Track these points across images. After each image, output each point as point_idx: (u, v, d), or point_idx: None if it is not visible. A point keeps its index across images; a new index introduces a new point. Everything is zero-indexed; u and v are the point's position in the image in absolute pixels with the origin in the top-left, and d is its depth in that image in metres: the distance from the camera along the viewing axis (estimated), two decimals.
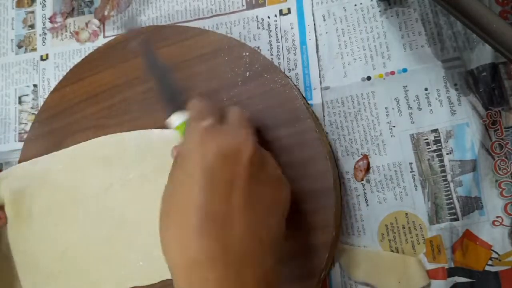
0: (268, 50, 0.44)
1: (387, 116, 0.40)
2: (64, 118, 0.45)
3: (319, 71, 0.42)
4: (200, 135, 0.30)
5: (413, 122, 0.39)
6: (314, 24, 0.43)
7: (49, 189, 0.43)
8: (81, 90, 0.45)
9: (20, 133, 0.49)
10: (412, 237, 0.38)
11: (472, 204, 0.37)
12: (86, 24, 0.50)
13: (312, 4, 0.44)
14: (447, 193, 0.38)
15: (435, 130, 0.39)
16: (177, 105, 0.35)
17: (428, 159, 0.39)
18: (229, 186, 0.29)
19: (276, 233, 0.31)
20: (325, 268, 0.36)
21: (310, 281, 0.36)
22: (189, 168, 0.30)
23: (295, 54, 0.43)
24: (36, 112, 0.49)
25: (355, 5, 0.42)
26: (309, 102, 0.42)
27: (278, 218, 0.31)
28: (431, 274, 0.37)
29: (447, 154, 0.38)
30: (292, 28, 0.43)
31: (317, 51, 0.43)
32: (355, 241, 0.39)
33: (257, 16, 0.45)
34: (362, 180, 0.40)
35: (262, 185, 0.30)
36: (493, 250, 0.37)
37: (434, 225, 0.38)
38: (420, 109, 0.39)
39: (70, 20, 0.50)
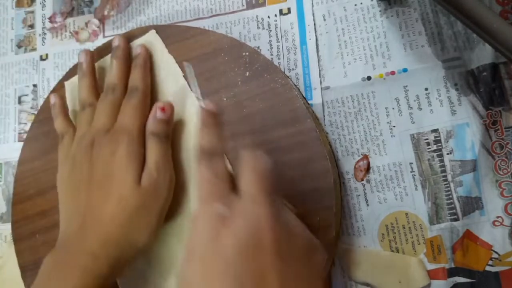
0: (268, 50, 0.44)
1: (387, 116, 0.40)
2: None
3: (319, 71, 0.42)
4: (212, 226, 0.27)
5: (414, 122, 0.39)
6: (314, 24, 0.43)
7: None
8: None
9: (19, 133, 0.49)
10: (412, 237, 0.38)
11: (472, 204, 0.37)
12: (86, 24, 0.50)
13: (312, 4, 0.43)
14: (447, 193, 0.38)
15: (436, 130, 0.39)
16: None
17: (429, 159, 0.39)
18: (261, 281, 0.25)
19: None
20: (325, 268, 0.36)
21: None
22: (207, 271, 0.26)
23: (295, 54, 0.43)
24: (35, 112, 0.49)
25: (355, 4, 0.42)
26: (309, 102, 0.41)
27: (321, 285, 0.29)
28: (432, 274, 0.37)
29: (448, 154, 0.38)
30: (292, 28, 0.43)
31: (317, 51, 0.43)
32: (355, 241, 0.39)
33: (257, 16, 0.45)
34: (362, 180, 0.40)
35: (296, 262, 0.27)
36: (493, 250, 0.37)
37: (434, 225, 0.38)
38: (420, 109, 0.39)
39: (69, 20, 0.50)
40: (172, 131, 0.39)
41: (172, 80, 0.41)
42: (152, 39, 0.43)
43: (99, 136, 0.37)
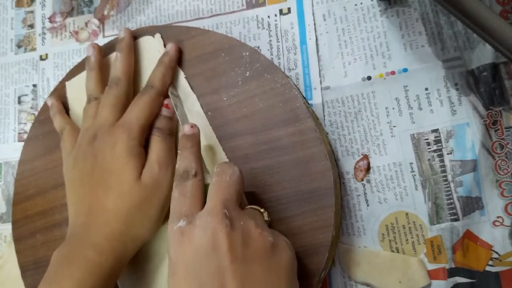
0: (268, 49, 0.44)
1: (387, 116, 0.40)
2: None
3: (319, 71, 0.42)
4: (176, 239, 0.30)
5: (414, 122, 0.39)
6: (314, 24, 0.43)
7: None
8: None
9: (19, 133, 0.49)
10: (412, 237, 0.38)
11: (472, 204, 0.37)
12: (86, 23, 0.49)
13: (312, 3, 0.43)
14: (447, 193, 0.38)
15: (436, 130, 0.39)
16: None
17: (429, 159, 0.39)
18: (219, 280, 0.28)
19: None
20: (325, 268, 0.36)
21: (310, 281, 0.36)
22: (176, 278, 0.29)
23: (295, 54, 0.43)
24: (35, 112, 0.49)
25: (356, 4, 0.42)
26: (309, 102, 0.41)
27: (285, 283, 0.30)
28: (432, 275, 0.37)
29: (448, 154, 0.38)
30: (292, 28, 0.43)
31: (317, 51, 0.43)
32: (355, 241, 0.39)
33: (257, 16, 0.45)
34: (362, 180, 0.40)
35: (253, 263, 0.29)
36: (493, 251, 0.37)
37: (434, 225, 0.38)
38: (420, 109, 0.39)
39: (69, 20, 0.50)
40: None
41: (174, 81, 0.42)
42: (154, 41, 0.43)
43: (102, 129, 0.38)
